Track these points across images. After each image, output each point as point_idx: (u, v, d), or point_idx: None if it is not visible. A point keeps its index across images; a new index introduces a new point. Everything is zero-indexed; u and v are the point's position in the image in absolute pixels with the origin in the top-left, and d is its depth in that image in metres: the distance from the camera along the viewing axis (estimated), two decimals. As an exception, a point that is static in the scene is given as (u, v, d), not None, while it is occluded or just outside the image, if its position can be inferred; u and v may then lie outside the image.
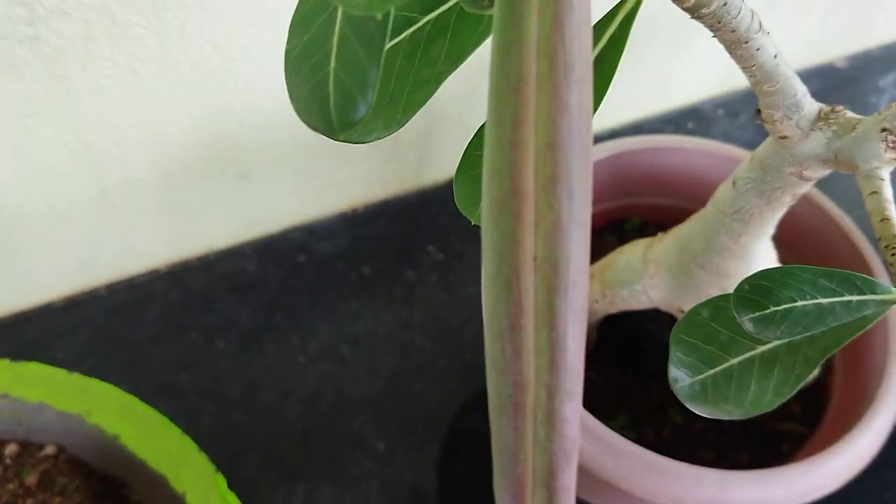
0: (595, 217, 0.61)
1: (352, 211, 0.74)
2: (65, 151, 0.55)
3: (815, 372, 0.55)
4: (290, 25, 0.22)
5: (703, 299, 0.44)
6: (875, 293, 0.29)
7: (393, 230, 0.74)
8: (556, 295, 0.20)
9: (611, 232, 0.61)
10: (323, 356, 0.66)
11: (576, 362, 0.20)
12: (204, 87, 0.56)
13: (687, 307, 0.47)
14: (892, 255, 0.30)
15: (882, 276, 0.52)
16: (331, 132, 0.22)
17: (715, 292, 0.44)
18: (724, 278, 0.44)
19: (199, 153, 0.61)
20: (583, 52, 0.19)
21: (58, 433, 0.52)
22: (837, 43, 0.88)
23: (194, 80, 0.55)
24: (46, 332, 0.65)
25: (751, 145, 0.41)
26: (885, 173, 0.32)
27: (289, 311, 0.68)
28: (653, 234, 0.59)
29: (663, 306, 0.49)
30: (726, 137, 0.81)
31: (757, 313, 0.29)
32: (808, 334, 0.29)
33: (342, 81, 0.21)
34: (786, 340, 0.31)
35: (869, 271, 0.53)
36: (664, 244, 0.47)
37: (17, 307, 0.66)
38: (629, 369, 0.57)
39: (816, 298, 0.29)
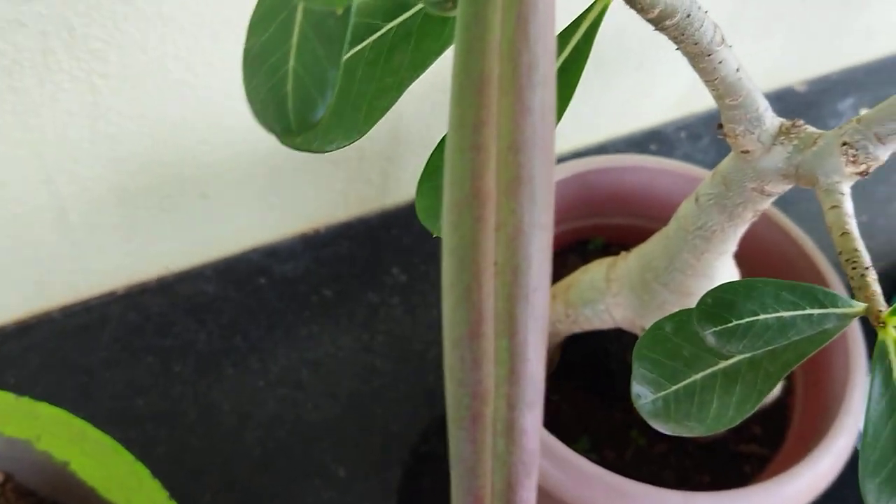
0: (558, 237, 0.61)
1: (313, 232, 0.73)
2: (20, 167, 0.54)
3: (777, 392, 0.55)
4: (249, 25, 0.22)
5: (666, 318, 0.44)
6: (836, 307, 0.29)
7: (355, 252, 0.73)
8: (516, 302, 0.19)
9: (574, 252, 0.61)
10: (283, 380, 0.65)
11: (536, 372, 0.19)
12: (165, 102, 0.55)
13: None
14: (853, 268, 0.30)
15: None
16: (288, 133, 0.21)
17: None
18: (687, 297, 0.44)
19: (158, 171, 0.60)
20: (547, 53, 0.19)
21: (5, 460, 0.50)
22: (797, 67, 0.89)
23: (155, 96, 0.54)
24: (-2, 356, 0.64)
25: (713, 167, 0.41)
26: (846, 188, 0.33)
27: (248, 334, 0.67)
28: (616, 253, 0.59)
29: (626, 326, 0.49)
30: (688, 159, 0.82)
31: (719, 327, 0.29)
32: (769, 349, 0.29)
33: (301, 80, 0.20)
34: (748, 355, 0.30)
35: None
36: (627, 263, 0.47)
37: (-33, 330, 0.64)
38: (592, 390, 0.56)
39: (778, 311, 0.28)
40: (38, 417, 0.50)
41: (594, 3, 0.29)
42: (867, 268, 0.30)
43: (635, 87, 0.79)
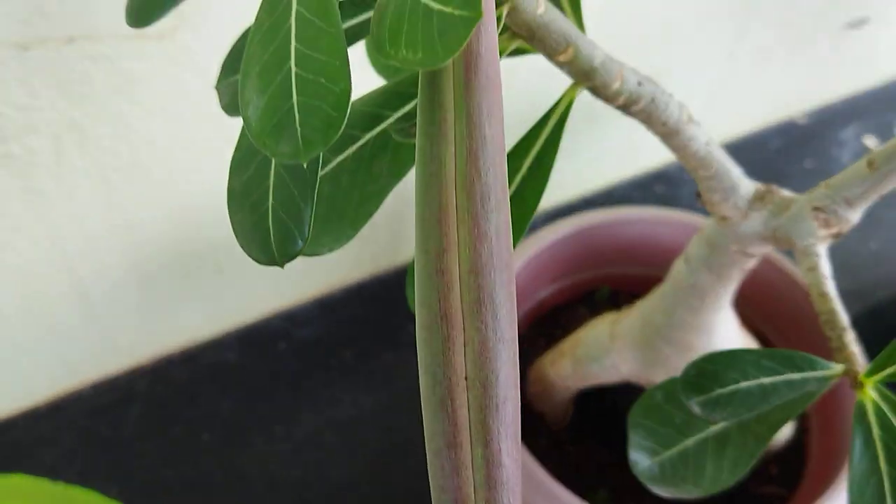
0: (566, 290, 0.63)
1: (329, 295, 0.75)
2: (42, 260, 0.56)
3: (790, 433, 0.56)
4: (231, 166, 0.24)
5: (670, 372, 0.45)
6: (815, 370, 0.30)
7: (370, 311, 0.75)
8: (488, 413, 0.21)
9: (583, 303, 0.63)
10: (307, 443, 0.66)
11: (512, 477, 0.21)
12: (175, 188, 0.57)
13: (657, 380, 0.48)
14: (831, 329, 0.31)
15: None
16: (273, 264, 0.23)
17: (681, 365, 0.45)
18: (688, 351, 0.45)
19: (174, 251, 0.62)
20: (498, 182, 0.21)
21: (43, 545, 0.52)
22: (797, 100, 0.90)
23: (165, 183, 0.57)
24: (32, 437, 0.66)
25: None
26: (821, 249, 0.34)
27: (271, 399, 0.69)
28: (623, 301, 0.60)
29: (634, 379, 0.50)
30: (693, 199, 0.83)
31: (703, 396, 0.30)
32: (755, 413, 0.30)
33: (280, 218, 0.22)
34: (736, 420, 0.31)
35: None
36: (629, 319, 0.49)
37: (2, 414, 0.66)
38: (608, 442, 0.57)
39: (759, 378, 0.30)
40: (73, 501, 0.52)
41: (561, 98, 0.31)
42: (844, 329, 0.31)
43: (635, 132, 0.80)
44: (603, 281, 0.63)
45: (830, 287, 0.32)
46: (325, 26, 0.20)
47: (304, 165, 0.21)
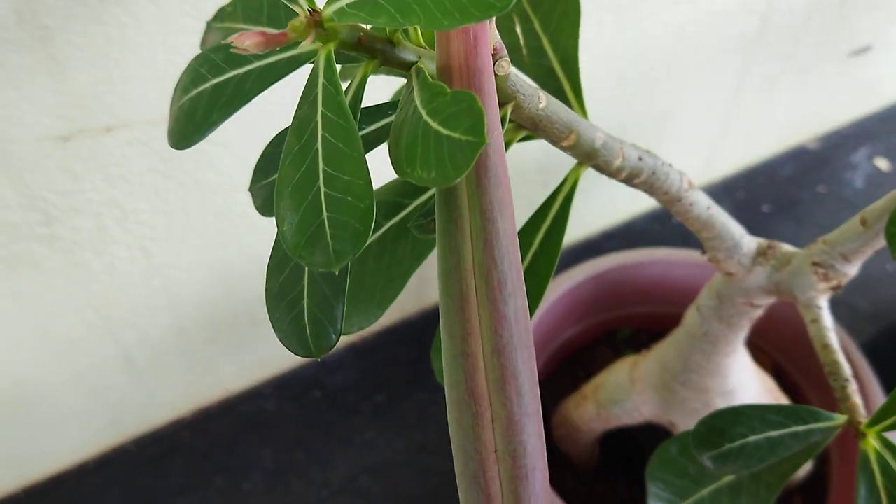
0: (589, 330, 0.65)
1: (360, 340, 0.78)
2: (87, 327, 0.59)
3: (809, 466, 0.57)
4: (268, 268, 0.26)
5: (689, 413, 0.47)
6: (819, 422, 0.32)
7: (400, 354, 0.77)
8: (518, 483, 0.23)
9: (604, 343, 0.64)
10: (345, 488, 0.69)
11: (544, 540, 0.23)
12: (209, 252, 0.60)
13: (676, 421, 0.50)
14: (835, 380, 0.33)
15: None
16: (310, 356, 0.25)
17: (699, 406, 0.47)
18: (705, 393, 0.47)
19: (210, 309, 0.65)
20: (513, 269, 0.23)
21: None
22: (807, 126, 0.92)
23: (200, 248, 0.59)
24: (81, 493, 0.69)
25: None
26: (823, 301, 0.36)
27: (308, 446, 0.71)
28: (644, 340, 0.62)
29: (655, 420, 0.52)
30: (711, 229, 0.85)
31: (714, 451, 0.32)
32: (765, 464, 0.32)
33: (315, 316, 0.25)
34: (747, 471, 0.33)
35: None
36: (647, 363, 0.50)
37: (51, 471, 0.69)
38: (634, 479, 0.59)
39: (766, 432, 0.32)
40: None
41: (567, 177, 0.33)
42: (847, 379, 0.33)
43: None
44: (624, 321, 0.65)
45: (833, 339, 0.34)
46: (349, 150, 0.22)
47: (336, 272, 0.23)
